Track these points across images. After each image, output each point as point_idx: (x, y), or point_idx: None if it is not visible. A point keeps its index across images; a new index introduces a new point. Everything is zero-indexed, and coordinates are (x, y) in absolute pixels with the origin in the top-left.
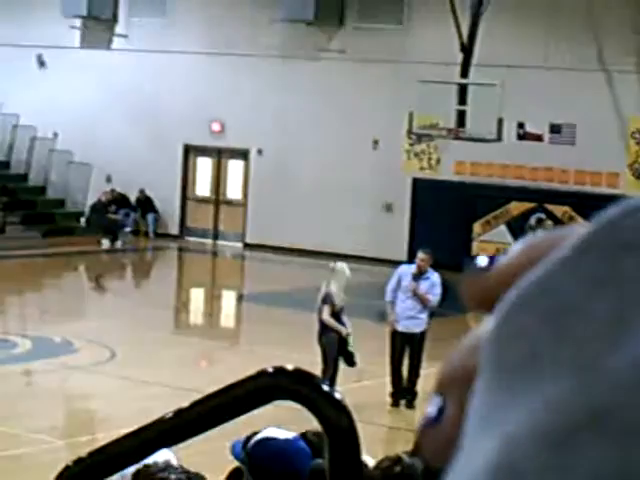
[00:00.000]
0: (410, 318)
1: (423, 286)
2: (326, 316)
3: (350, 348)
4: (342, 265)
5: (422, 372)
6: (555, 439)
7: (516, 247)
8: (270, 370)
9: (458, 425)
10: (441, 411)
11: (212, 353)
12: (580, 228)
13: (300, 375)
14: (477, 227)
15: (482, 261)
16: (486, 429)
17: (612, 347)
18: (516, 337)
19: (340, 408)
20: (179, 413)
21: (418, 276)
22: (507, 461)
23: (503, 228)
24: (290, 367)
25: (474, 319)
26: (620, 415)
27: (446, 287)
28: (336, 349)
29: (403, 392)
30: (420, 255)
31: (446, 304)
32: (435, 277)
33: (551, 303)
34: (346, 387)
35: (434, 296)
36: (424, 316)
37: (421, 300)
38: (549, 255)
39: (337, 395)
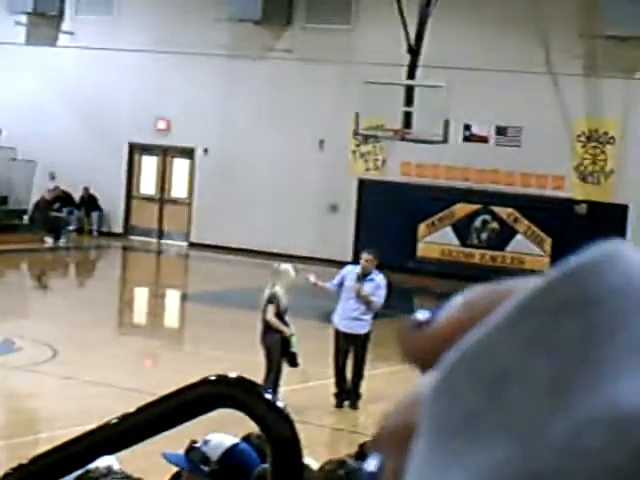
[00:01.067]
0: (354, 319)
1: (367, 287)
2: (270, 316)
3: (293, 349)
4: (286, 266)
5: (366, 373)
6: None
7: (456, 302)
8: (212, 378)
9: None
10: (380, 470)
11: (155, 353)
12: (522, 284)
13: (242, 383)
14: (422, 228)
15: (422, 315)
16: None
17: (551, 413)
18: (453, 400)
19: (282, 417)
20: (121, 421)
21: (362, 277)
22: None
23: (448, 230)
24: (232, 375)
25: None
26: None
27: (391, 288)
28: (279, 350)
29: (347, 393)
30: (365, 256)
31: (390, 305)
32: (380, 278)
33: (488, 367)
34: (290, 388)
35: (378, 297)
36: (368, 317)
37: (365, 301)
38: (490, 313)
39: (279, 403)
